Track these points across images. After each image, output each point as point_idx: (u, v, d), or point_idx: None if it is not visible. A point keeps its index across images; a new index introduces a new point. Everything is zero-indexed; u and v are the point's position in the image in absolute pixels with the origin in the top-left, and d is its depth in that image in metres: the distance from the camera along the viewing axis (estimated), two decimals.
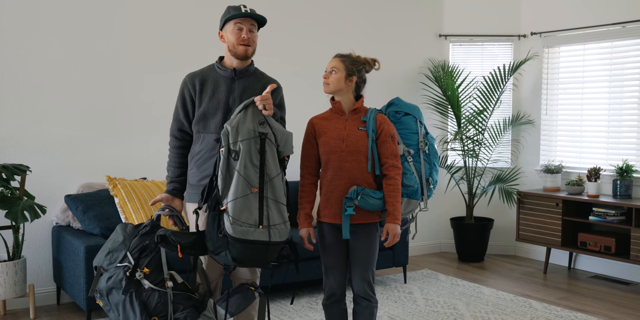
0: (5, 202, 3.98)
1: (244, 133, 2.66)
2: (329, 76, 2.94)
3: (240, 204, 2.59)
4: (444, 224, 6.20)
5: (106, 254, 2.79)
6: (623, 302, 4.60)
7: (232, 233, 2.56)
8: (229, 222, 2.57)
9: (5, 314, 4.22)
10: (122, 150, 4.72)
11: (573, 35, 5.57)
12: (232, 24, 2.87)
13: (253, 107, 2.74)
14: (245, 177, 2.62)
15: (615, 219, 4.90)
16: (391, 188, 2.91)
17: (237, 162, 2.63)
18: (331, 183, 2.93)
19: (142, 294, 2.66)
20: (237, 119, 2.69)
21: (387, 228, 2.91)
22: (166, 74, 4.79)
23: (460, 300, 4.55)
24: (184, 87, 2.95)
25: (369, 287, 2.99)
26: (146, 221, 2.88)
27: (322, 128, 2.97)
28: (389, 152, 2.95)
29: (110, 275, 2.72)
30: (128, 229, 2.83)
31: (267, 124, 2.72)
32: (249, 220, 2.59)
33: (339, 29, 5.61)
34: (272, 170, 2.69)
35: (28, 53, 4.39)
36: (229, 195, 2.60)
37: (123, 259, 2.73)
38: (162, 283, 2.71)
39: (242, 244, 2.57)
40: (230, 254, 2.59)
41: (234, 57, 2.90)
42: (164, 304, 2.67)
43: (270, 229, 2.63)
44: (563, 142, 5.74)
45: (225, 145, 2.65)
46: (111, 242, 2.82)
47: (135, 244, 2.76)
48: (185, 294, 2.76)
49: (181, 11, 4.90)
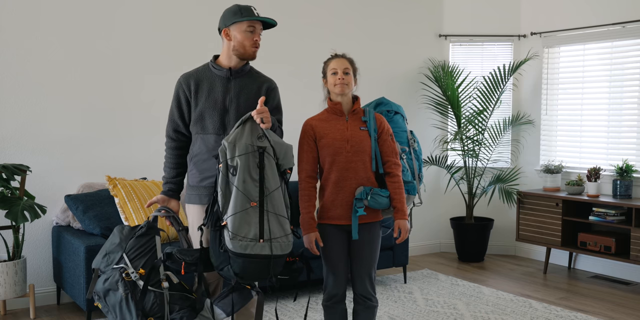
0: (5, 202, 3.98)
1: (242, 148, 2.67)
2: (344, 77, 2.96)
3: (240, 219, 2.60)
4: (444, 224, 6.20)
5: (103, 256, 2.81)
6: (623, 302, 4.60)
7: (232, 248, 2.58)
8: (228, 237, 2.58)
9: (5, 314, 4.22)
10: (122, 150, 4.72)
11: (573, 35, 5.57)
12: (244, 25, 2.85)
13: (251, 122, 2.75)
14: (243, 192, 2.63)
15: (615, 219, 4.90)
16: (396, 185, 2.96)
17: (235, 178, 2.64)
18: (337, 184, 2.94)
19: (137, 295, 2.67)
20: (234, 134, 2.70)
21: (398, 224, 2.96)
22: (166, 73, 4.78)
23: (460, 300, 4.55)
24: (179, 88, 2.94)
25: (371, 286, 3.01)
26: (142, 223, 2.88)
27: (323, 130, 2.97)
28: (390, 150, 3.00)
29: (107, 277, 2.74)
30: (124, 231, 2.83)
31: (265, 138, 2.73)
32: (249, 234, 2.60)
33: (339, 29, 5.61)
34: (272, 184, 2.69)
35: (28, 53, 4.39)
36: (229, 210, 2.62)
37: (119, 260, 2.74)
38: (158, 284, 2.72)
39: (242, 259, 2.59)
40: (232, 269, 2.61)
41: (239, 57, 2.88)
42: (160, 305, 2.68)
43: (272, 243, 2.64)
44: (563, 142, 5.74)
45: (223, 161, 2.66)
46: (108, 244, 2.84)
47: (131, 245, 2.77)
48: (181, 294, 2.77)
49: (181, 11, 4.90)
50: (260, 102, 2.77)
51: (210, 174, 2.88)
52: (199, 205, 2.93)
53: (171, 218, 2.91)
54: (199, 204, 2.92)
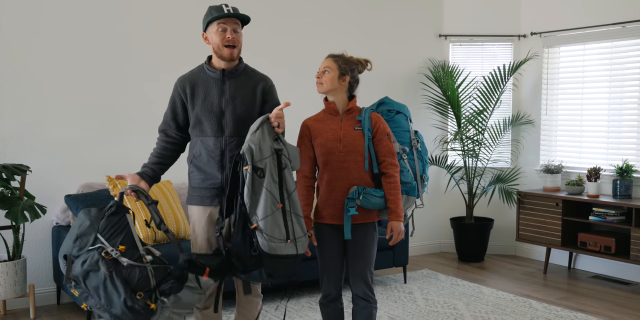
0: (5, 202, 3.98)
1: (266, 150, 2.69)
2: (321, 76, 2.94)
3: (271, 221, 2.63)
4: (444, 224, 6.20)
5: (74, 240, 2.71)
6: (623, 302, 4.60)
7: (268, 250, 2.61)
8: (263, 239, 2.60)
9: (5, 314, 4.22)
10: (122, 150, 4.72)
11: (573, 35, 5.57)
12: (215, 25, 2.83)
13: (267, 124, 2.76)
14: (272, 194, 2.65)
15: (615, 219, 4.90)
16: (391, 186, 2.93)
17: (263, 180, 2.66)
18: (329, 184, 2.93)
19: (122, 272, 2.62)
20: (257, 137, 2.70)
21: (391, 226, 2.92)
22: (167, 73, 4.78)
23: (460, 300, 4.55)
24: (175, 91, 2.95)
25: (367, 287, 2.99)
26: (110, 202, 2.83)
27: (317, 130, 2.97)
28: (386, 151, 2.96)
29: (84, 260, 2.64)
30: (92, 213, 2.74)
31: (280, 141, 2.75)
32: (280, 236, 2.63)
33: (339, 29, 5.60)
34: (291, 185, 2.73)
35: (28, 53, 4.39)
36: (259, 213, 2.64)
37: (94, 241, 2.67)
38: (140, 259, 2.66)
39: (275, 260, 2.62)
40: (266, 270, 2.64)
41: (220, 59, 2.87)
42: (145, 278, 2.62)
43: (297, 242, 2.68)
44: (563, 142, 5.74)
45: (250, 163, 2.66)
46: (77, 227, 2.73)
47: (104, 225, 2.70)
48: (164, 266, 2.71)
49: (182, 10, 4.90)
50: (282, 106, 2.76)
51: (210, 175, 2.88)
52: (200, 206, 2.93)
53: (139, 193, 2.86)
54: (200, 206, 2.93)
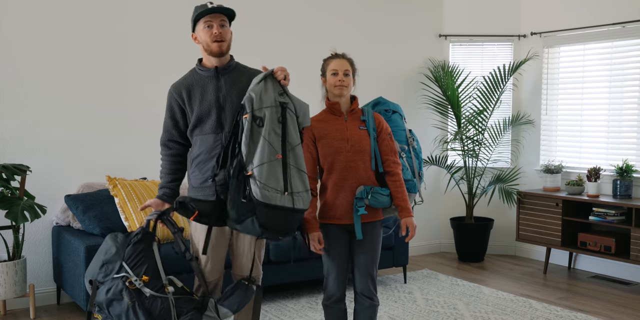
0: (5, 202, 3.98)
1: (267, 101, 2.68)
2: (344, 79, 2.96)
3: (267, 170, 2.60)
4: (444, 224, 6.20)
5: (100, 266, 2.76)
6: (623, 302, 4.60)
7: (260, 198, 2.56)
8: (256, 186, 2.57)
9: (5, 314, 4.22)
10: (122, 150, 4.72)
11: (573, 35, 5.57)
12: (201, 23, 2.83)
13: (272, 79, 2.75)
14: (270, 143, 2.63)
15: (615, 219, 4.90)
16: (397, 184, 2.97)
17: (262, 129, 2.64)
18: (337, 184, 2.94)
19: (145, 302, 2.66)
20: (259, 87, 2.70)
21: (406, 222, 2.97)
22: (167, 74, 4.75)
23: (460, 300, 4.55)
24: (171, 99, 2.92)
25: (372, 285, 3.02)
26: (137, 229, 2.85)
27: (322, 130, 2.98)
28: (389, 149, 3.01)
29: (109, 287, 2.70)
30: (119, 239, 2.79)
31: (285, 95, 2.74)
32: (277, 186, 2.60)
33: (338, 29, 5.60)
34: (294, 139, 2.71)
35: (28, 53, 4.39)
36: (255, 161, 2.61)
37: (119, 269, 2.72)
38: (162, 289, 2.71)
39: (269, 210, 2.58)
40: (258, 220, 2.59)
41: (211, 55, 2.86)
42: (167, 310, 2.67)
43: (294, 196, 2.64)
44: (563, 142, 5.74)
45: (250, 111, 2.65)
46: (103, 253, 2.79)
47: (129, 253, 2.74)
48: (186, 297, 2.77)
49: (182, 11, 4.90)
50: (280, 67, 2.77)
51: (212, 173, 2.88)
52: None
53: (165, 220, 2.87)
54: None
